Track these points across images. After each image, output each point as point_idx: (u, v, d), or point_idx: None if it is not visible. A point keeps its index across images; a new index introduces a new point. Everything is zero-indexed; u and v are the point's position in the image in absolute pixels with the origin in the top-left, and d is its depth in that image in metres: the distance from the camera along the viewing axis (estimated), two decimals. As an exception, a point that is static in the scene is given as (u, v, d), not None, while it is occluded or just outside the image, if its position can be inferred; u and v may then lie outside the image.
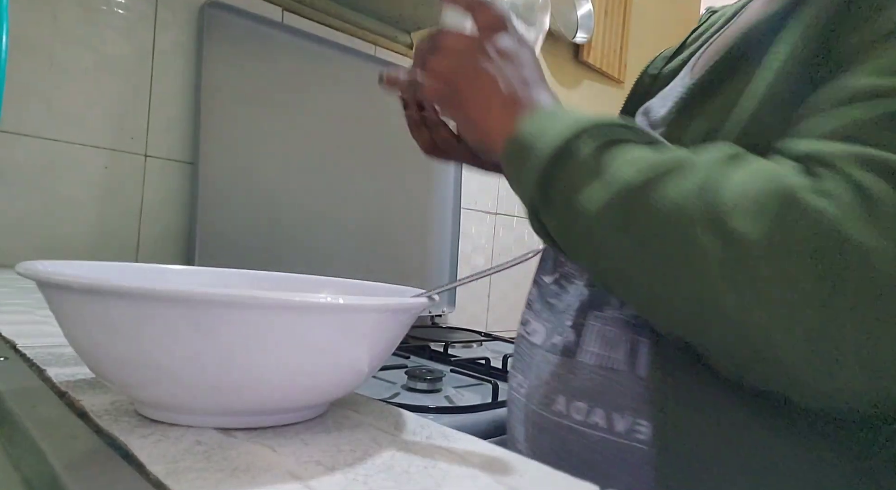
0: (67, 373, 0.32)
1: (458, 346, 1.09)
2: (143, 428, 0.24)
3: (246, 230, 1.00)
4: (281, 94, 1.05)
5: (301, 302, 0.22)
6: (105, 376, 0.25)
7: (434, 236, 1.31)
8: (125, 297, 0.22)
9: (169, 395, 0.24)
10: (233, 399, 0.24)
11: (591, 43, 1.72)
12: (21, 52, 0.83)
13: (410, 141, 0.58)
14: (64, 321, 0.25)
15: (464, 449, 0.25)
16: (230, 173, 0.98)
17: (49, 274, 0.23)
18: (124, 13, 0.92)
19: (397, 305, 0.26)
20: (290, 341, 0.23)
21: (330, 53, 1.12)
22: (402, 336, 0.29)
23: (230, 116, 0.98)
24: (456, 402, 0.71)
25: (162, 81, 0.96)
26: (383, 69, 0.47)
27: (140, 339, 0.22)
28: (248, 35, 1.01)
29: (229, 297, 0.21)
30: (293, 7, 1.10)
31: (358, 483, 0.21)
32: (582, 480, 0.22)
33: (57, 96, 0.86)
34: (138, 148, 0.94)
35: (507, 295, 1.56)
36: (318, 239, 1.10)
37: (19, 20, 0.82)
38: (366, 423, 0.28)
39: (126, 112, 0.93)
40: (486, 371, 0.88)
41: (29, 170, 0.84)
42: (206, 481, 0.20)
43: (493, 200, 1.52)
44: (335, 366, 0.25)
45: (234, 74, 0.99)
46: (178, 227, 0.98)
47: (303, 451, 0.23)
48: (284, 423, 0.26)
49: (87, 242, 0.90)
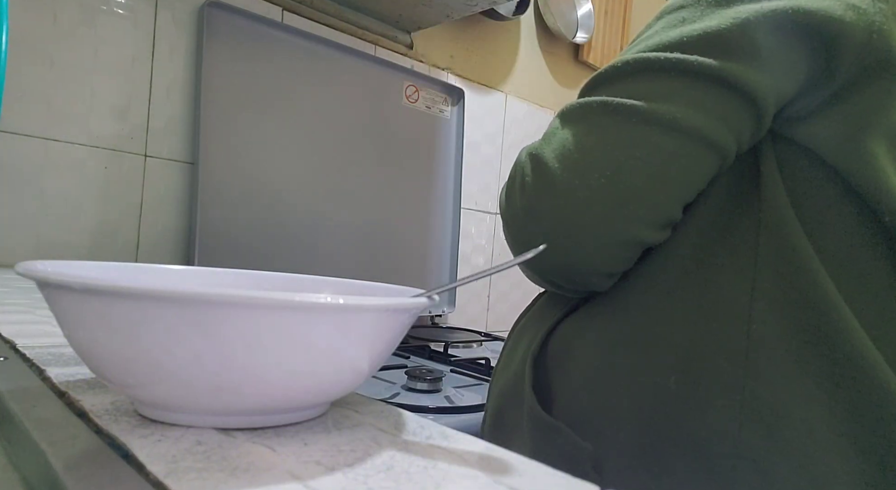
0: (67, 373, 0.32)
1: (458, 346, 1.09)
2: (143, 428, 0.24)
3: (246, 230, 1.00)
4: (281, 94, 1.05)
5: (301, 302, 0.22)
6: (105, 376, 0.25)
7: (434, 236, 1.31)
8: (125, 297, 0.22)
9: (169, 395, 0.24)
10: (233, 399, 0.24)
11: (591, 43, 1.72)
12: (21, 52, 0.83)
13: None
14: (64, 321, 0.25)
15: (464, 449, 0.25)
16: (230, 173, 0.98)
17: (49, 274, 0.23)
18: (124, 13, 0.92)
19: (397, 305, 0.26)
20: (290, 341, 0.23)
21: (330, 53, 1.12)
22: (402, 336, 0.29)
23: (230, 116, 0.98)
24: (456, 402, 0.71)
25: (162, 81, 0.96)
26: None
27: (140, 339, 0.22)
28: (248, 35, 1.01)
29: (229, 297, 0.21)
30: (293, 7, 1.10)
31: (358, 483, 0.21)
32: (582, 480, 0.22)
33: (57, 96, 0.86)
34: (138, 148, 0.94)
35: (507, 295, 1.56)
36: (318, 239, 1.10)
37: (19, 20, 0.82)
38: (366, 423, 0.28)
39: (126, 112, 0.93)
40: (486, 371, 0.88)
41: (29, 170, 0.85)
42: (206, 481, 0.19)
43: (493, 200, 1.52)
44: (335, 366, 0.25)
45: (234, 74, 0.99)
46: (178, 227, 0.98)
47: (303, 451, 0.23)
48: (284, 423, 0.26)
49: (87, 242, 0.90)
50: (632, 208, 0.40)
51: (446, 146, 1.33)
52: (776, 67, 0.39)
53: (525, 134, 1.60)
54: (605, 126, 0.41)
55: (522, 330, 0.53)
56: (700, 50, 0.39)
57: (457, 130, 1.35)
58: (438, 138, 1.31)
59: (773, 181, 0.40)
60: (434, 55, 1.37)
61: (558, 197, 0.41)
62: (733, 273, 0.39)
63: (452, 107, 1.34)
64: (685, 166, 0.40)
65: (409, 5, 1.16)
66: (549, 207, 0.41)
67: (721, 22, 0.39)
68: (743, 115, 0.39)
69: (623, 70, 0.42)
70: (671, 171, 0.39)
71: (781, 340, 0.37)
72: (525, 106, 1.59)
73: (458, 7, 1.16)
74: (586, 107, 0.42)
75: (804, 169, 0.40)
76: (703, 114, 0.39)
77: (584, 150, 0.41)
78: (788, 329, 0.37)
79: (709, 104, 0.39)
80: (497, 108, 1.52)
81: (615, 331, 0.43)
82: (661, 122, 0.39)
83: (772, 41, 0.38)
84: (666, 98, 0.39)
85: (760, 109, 0.39)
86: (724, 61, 0.38)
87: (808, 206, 0.39)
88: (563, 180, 0.41)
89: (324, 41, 1.10)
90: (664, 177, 0.39)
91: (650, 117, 0.39)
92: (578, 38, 1.64)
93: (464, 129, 1.35)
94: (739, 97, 0.39)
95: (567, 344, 0.46)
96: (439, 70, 1.38)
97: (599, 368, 0.43)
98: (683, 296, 0.41)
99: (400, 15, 1.21)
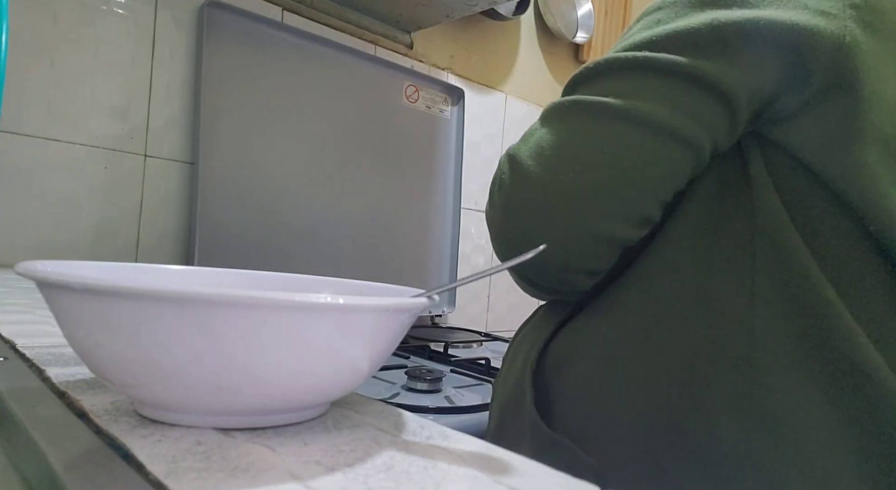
0: (67, 373, 0.32)
1: (458, 346, 1.09)
2: (142, 428, 0.24)
3: (246, 230, 1.00)
4: (281, 94, 1.05)
5: (301, 302, 0.22)
6: (105, 376, 0.25)
7: (434, 236, 1.31)
8: (125, 297, 0.22)
9: (169, 395, 0.24)
10: (233, 399, 0.24)
11: (591, 43, 1.72)
12: (21, 52, 0.83)
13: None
14: (64, 321, 0.25)
15: (464, 449, 0.25)
16: (230, 173, 0.98)
17: (49, 274, 0.23)
18: (124, 13, 0.92)
19: (397, 305, 0.26)
20: (290, 341, 0.23)
21: (330, 53, 1.12)
22: (402, 336, 0.29)
23: (230, 116, 0.98)
24: (456, 402, 0.71)
25: (162, 81, 0.96)
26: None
27: (140, 339, 0.22)
28: (248, 35, 1.01)
29: (229, 297, 0.21)
30: (293, 7, 1.10)
31: (358, 483, 0.20)
32: (582, 480, 0.22)
33: (57, 96, 0.86)
34: (138, 148, 0.94)
35: (507, 295, 1.56)
36: (318, 239, 1.10)
37: (19, 20, 0.82)
38: (366, 423, 0.28)
39: (126, 112, 0.93)
40: (486, 371, 0.88)
41: (29, 170, 0.85)
42: (206, 481, 0.19)
43: (493, 200, 1.52)
44: (335, 366, 0.25)
45: (234, 74, 0.99)
46: (178, 227, 0.98)
47: (303, 451, 0.23)
48: (284, 423, 0.26)
49: (87, 242, 0.90)
50: (601, 203, 0.40)
51: (446, 146, 1.33)
52: (747, 67, 0.39)
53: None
54: (576, 123, 0.42)
55: (521, 340, 0.53)
56: (671, 48, 0.40)
57: (457, 130, 1.35)
58: (438, 138, 1.31)
59: (764, 184, 0.40)
60: (434, 55, 1.37)
61: (531, 191, 0.42)
62: (731, 279, 0.39)
63: (452, 107, 1.34)
64: (654, 162, 0.40)
65: (409, 5, 1.16)
66: (524, 202, 0.43)
67: (691, 22, 0.40)
68: (715, 112, 0.40)
69: (596, 70, 0.43)
70: (641, 166, 0.40)
71: (783, 346, 0.37)
72: (525, 106, 1.59)
73: (458, 7, 1.16)
74: (560, 106, 0.44)
75: (794, 173, 0.40)
76: (671, 109, 0.39)
77: (556, 146, 0.42)
78: (790, 335, 0.37)
79: (679, 100, 0.40)
80: (497, 108, 1.52)
81: (613, 338, 0.43)
82: (630, 118, 0.40)
83: (742, 43, 0.39)
84: (636, 95, 0.40)
85: (733, 105, 0.39)
86: (694, 59, 0.39)
87: (801, 211, 0.39)
88: (537, 176, 0.42)
89: (324, 41, 1.10)
90: (634, 172, 0.40)
91: (620, 114, 0.40)
92: (578, 38, 1.64)
93: (464, 129, 1.35)
94: (710, 94, 0.39)
95: (565, 352, 0.46)
96: (439, 70, 1.38)
97: (599, 378, 0.43)
98: (681, 302, 0.41)
99: (400, 15, 1.21)
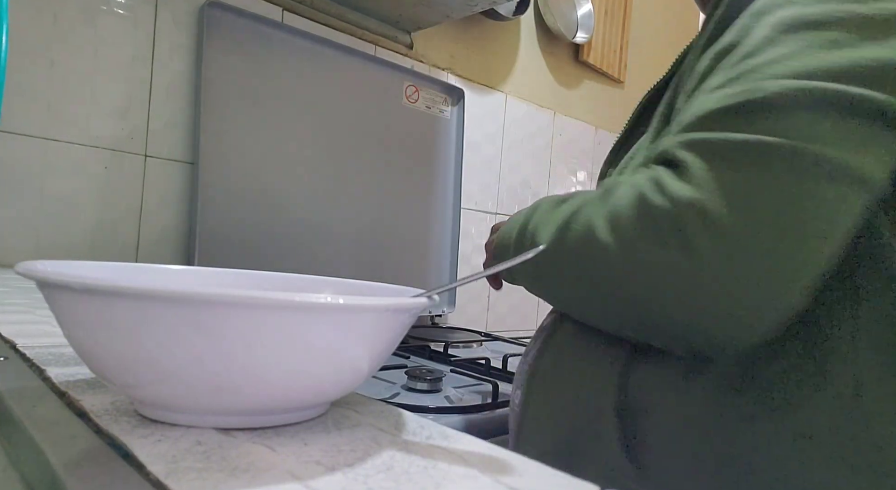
0: (67, 373, 0.32)
1: (458, 346, 1.09)
2: (142, 428, 0.24)
3: (246, 230, 1.00)
4: (281, 94, 1.05)
5: (301, 302, 0.22)
6: (105, 376, 0.25)
7: (434, 236, 1.31)
8: (125, 297, 0.22)
9: (169, 395, 0.24)
10: (233, 399, 0.24)
11: (591, 43, 1.72)
12: (21, 52, 0.83)
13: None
14: (64, 321, 0.25)
15: (464, 449, 0.25)
16: (230, 173, 0.98)
17: (49, 274, 0.23)
18: (124, 13, 0.92)
19: (397, 305, 0.26)
20: (290, 341, 0.23)
21: (330, 53, 1.12)
22: (402, 336, 0.29)
23: (230, 116, 0.98)
24: (456, 402, 0.71)
25: (162, 81, 0.96)
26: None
27: (140, 339, 0.22)
28: (248, 35, 1.01)
29: (229, 297, 0.21)
30: (293, 7, 1.10)
31: (358, 483, 0.21)
32: (582, 480, 0.22)
33: (57, 96, 0.86)
34: (138, 148, 0.94)
35: (507, 295, 1.56)
36: (318, 239, 1.10)
37: (19, 20, 0.82)
38: (366, 423, 0.28)
39: (126, 112, 0.93)
40: (486, 371, 0.88)
41: (29, 170, 0.85)
42: (206, 481, 0.19)
43: (493, 200, 1.52)
44: (335, 366, 0.25)
45: (234, 74, 0.99)
46: (178, 227, 0.98)
47: (303, 451, 0.23)
48: (284, 423, 0.26)
49: (87, 242, 0.90)
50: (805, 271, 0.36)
51: (446, 146, 1.33)
52: None
53: (525, 134, 1.60)
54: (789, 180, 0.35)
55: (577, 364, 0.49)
56: (869, 83, 0.35)
57: (457, 130, 1.35)
58: (438, 138, 1.31)
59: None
60: (434, 55, 1.37)
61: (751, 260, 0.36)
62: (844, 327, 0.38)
63: (452, 107, 1.34)
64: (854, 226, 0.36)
65: (409, 5, 1.16)
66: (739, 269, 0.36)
67: (882, 53, 0.35)
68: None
69: (780, 102, 0.36)
70: (850, 232, 0.36)
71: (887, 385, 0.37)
72: (525, 106, 1.59)
73: (458, 7, 1.16)
74: (746, 146, 0.36)
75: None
76: (875, 162, 0.35)
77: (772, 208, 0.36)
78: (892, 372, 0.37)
79: (882, 149, 0.35)
80: (497, 109, 1.52)
81: (727, 403, 0.40)
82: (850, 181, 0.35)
83: None
84: (849, 147, 0.35)
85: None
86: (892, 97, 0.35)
87: None
88: (756, 243, 0.35)
89: (324, 41, 1.10)
90: (846, 240, 0.36)
91: (837, 173, 0.35)
92: (578, 39, 1.64)
93: (464, 129, 1.35)
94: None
95: (657, 397, 0.43)
96: (439, 70, 1.38)
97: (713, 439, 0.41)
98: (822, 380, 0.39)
99: (400, 15, 1.21)
